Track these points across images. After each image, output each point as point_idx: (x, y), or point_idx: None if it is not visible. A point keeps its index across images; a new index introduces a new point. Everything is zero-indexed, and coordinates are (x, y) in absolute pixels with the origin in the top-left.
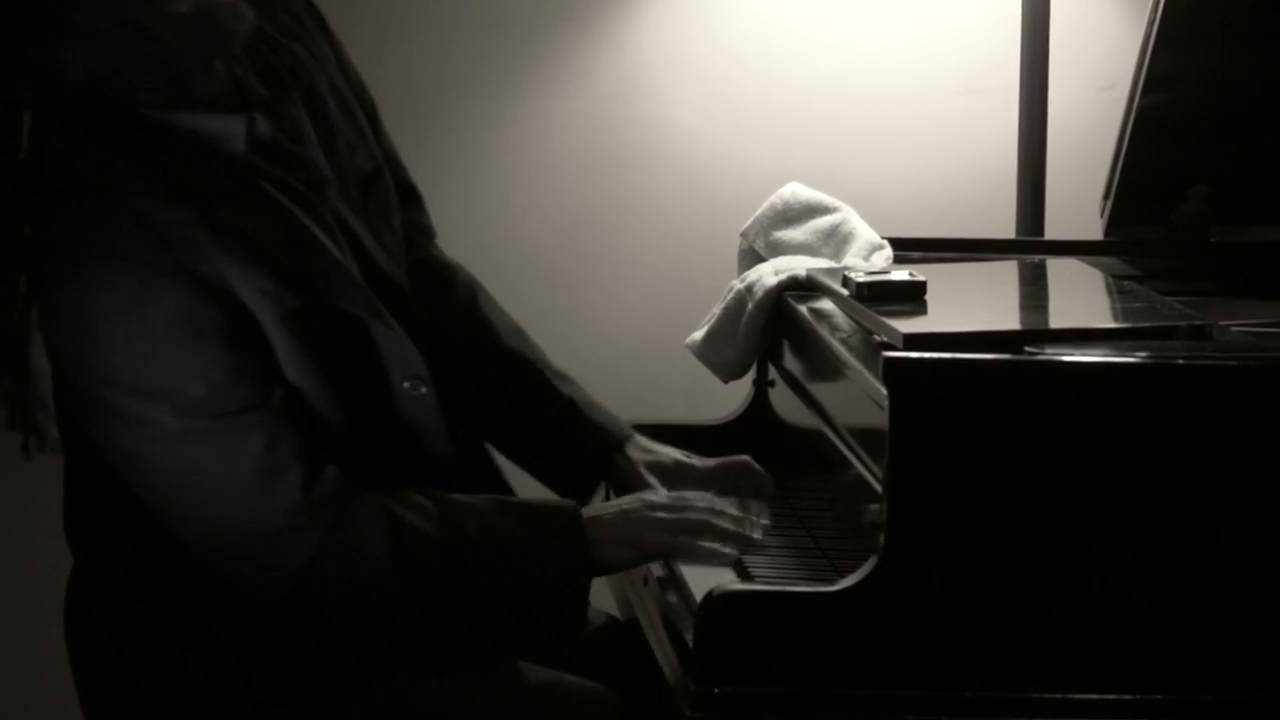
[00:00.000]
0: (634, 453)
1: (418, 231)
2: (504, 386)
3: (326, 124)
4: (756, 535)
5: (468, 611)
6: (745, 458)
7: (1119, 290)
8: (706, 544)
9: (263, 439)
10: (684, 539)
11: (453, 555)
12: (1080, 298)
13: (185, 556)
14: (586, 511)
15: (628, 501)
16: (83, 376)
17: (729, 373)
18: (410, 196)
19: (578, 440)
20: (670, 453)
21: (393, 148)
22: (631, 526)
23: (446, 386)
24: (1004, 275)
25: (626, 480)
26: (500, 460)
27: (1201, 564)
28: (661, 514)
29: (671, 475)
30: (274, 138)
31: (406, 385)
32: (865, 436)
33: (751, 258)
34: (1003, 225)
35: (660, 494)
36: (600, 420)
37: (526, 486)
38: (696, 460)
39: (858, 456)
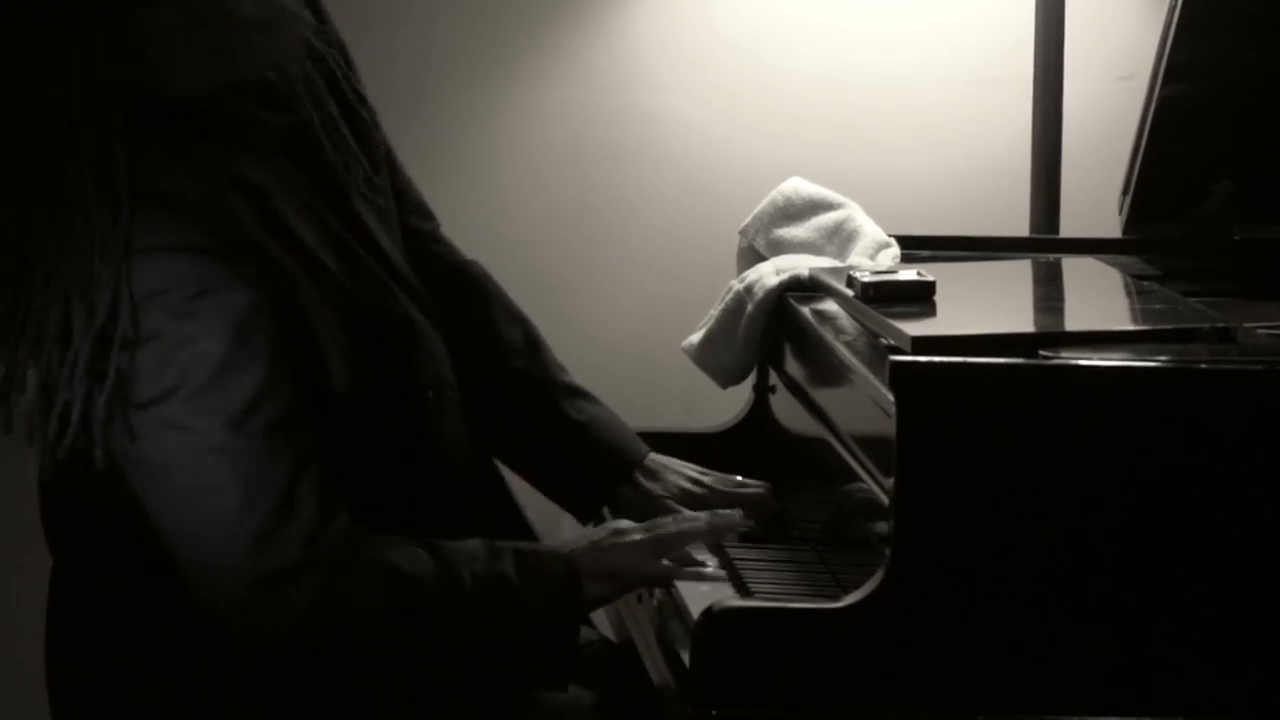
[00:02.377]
0: (642, 480)
1: (416, 235)
2: (510, 408)
3: (354, 128)
4: (730, 534)
5: (462, 655)
6: (760, 491)
7: (1138, 291)
8: (688, 568)
9: (289, 468)
10: (666, 565)
11: (449, 604)
12: (1097, 299)
13: (171, 576)
14: (566, 546)
15: (597, 533)
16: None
17: (728, 378)
18: (406, 196)
19: (583, 466)
20: (679, 480)
21: (388, 144)
22: (607, 558)
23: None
24: (1017, 275)
25: (631, 506)
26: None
27: (1227, 579)
28: (636, 536)
29: (679, 503)
30: (324, 141)
31: (432, 394)
32: (871, 445)
33: (751, 256)
34: (1016, 222)
35: (625, 523)
36: (610, 444)
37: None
38: (709, 481)
39: (863, 466)
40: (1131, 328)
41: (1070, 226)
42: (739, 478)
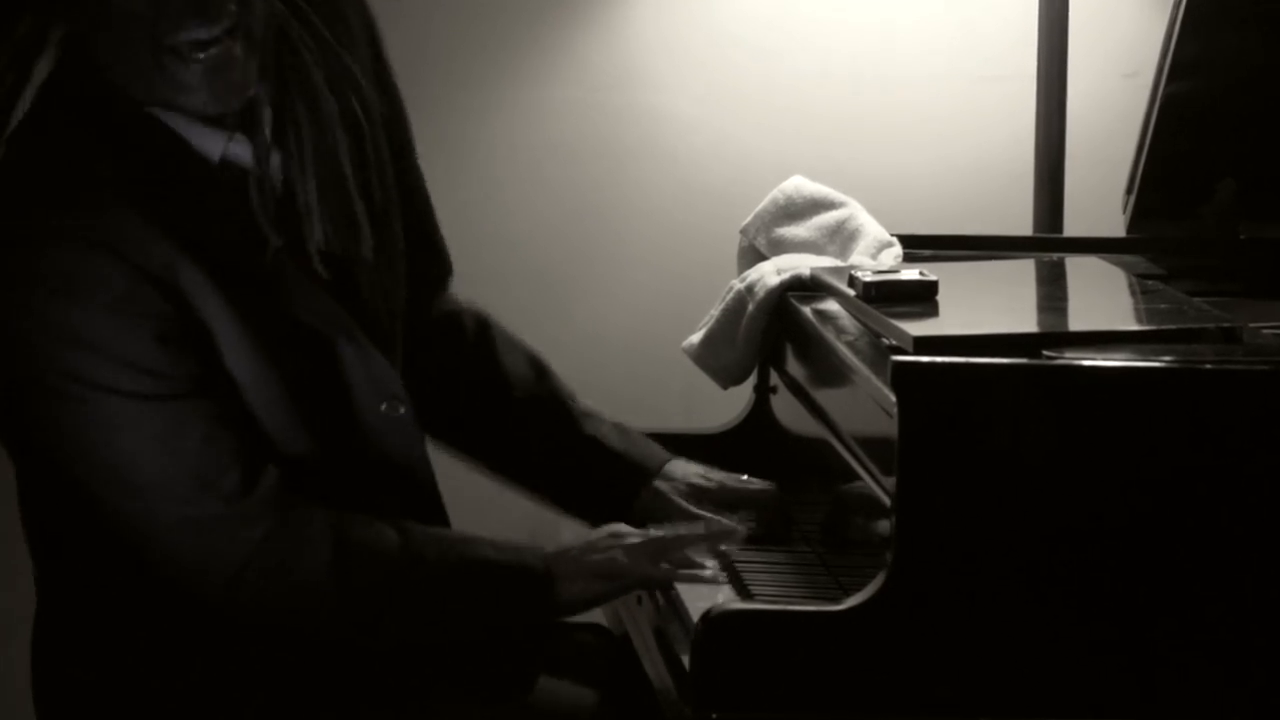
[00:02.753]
0: (663, 486)
1: (424, 283)
2: (526, 434)
3: (340, 152)
4: (738, 537)
5: (415, 635)
6: (767, 487)
7: (1142, 290)
8: (685, 570)
9: (201, 431)
10: (664, 568)
11: (409, 581)
12: (1101, 298)
13: (147, 576)
14: (553, 548)
15: (595, 534)
16: (20, 361)
17: (728, 378)
18: (424, 243)
19: (606, 477)
20: (687, 477)
21: (420, 183)
22: (600, 557)
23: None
24: (1020, 274)
25: (644, 507)
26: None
27: (1231, 581)
28: (631, 539)
29: (688, 500)
30: (249, 161)
31: (384, 407)
32: (873, 446)
33: (752, 256)
34: (1019, 221)
35: (622, 527)
36: (630, 453)
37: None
38: (716, 477)
39: (865, 467)
40: (1136, 328)
41: (1074, 225)
42: (745, 476)
